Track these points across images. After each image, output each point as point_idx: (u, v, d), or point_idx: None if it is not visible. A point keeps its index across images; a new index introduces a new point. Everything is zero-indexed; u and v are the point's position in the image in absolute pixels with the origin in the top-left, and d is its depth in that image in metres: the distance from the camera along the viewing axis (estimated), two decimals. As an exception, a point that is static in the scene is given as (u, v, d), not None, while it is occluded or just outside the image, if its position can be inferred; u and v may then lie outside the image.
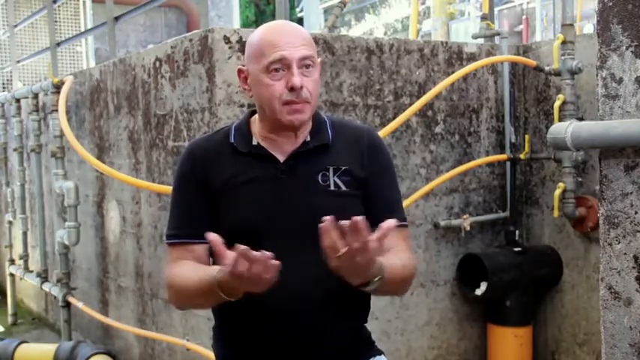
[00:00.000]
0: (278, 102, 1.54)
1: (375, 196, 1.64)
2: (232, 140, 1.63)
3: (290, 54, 1.52)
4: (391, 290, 1.60)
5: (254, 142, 1.62)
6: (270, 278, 1.36)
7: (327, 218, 1.34)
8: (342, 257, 1.34)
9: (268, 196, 1.58)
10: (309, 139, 1.63)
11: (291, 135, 1.61)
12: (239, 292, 1.43)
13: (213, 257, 1.66)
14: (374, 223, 1.60)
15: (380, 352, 1.73)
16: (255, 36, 1.59)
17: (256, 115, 1.66)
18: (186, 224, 1.63)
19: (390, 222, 1.36)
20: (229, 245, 1.57)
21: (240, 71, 1.64)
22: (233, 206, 1.58)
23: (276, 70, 1.53)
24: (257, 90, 1.58)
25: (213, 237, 1.37)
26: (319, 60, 1.63)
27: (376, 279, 1.45)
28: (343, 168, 1.61)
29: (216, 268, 1.45)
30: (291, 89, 1.52)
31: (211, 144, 1.65)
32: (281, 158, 1.61)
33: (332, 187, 1.59)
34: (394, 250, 1.59)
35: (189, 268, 1.58)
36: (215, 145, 1.64)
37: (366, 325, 1.73)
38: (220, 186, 1.60)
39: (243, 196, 1.58)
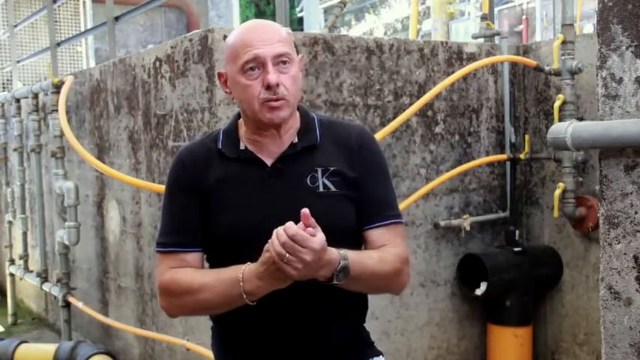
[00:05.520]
0: (257, 101, 1.53)
1: (367, 194, 1.61)
2: (220, 146, 1.62)
3: (263, 52, 1.52)
4: (367, 285, 1.57)
5: (241, 147, 1.62)
6: (307, 256, 1.37)
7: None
8: (290, 262, 1.38)
9: (258, 200, 1.57)
10: (296, 140, 1.61)
11: (275, 135, 1.60)
12: (268, 283, 1.44)
13: (210, 262, 1.66)
14: (366, 222, 1.60)
15: (379, 353, 1.72)
16: (231, 38, 1.59)
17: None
18: (178, 233, 1.60)
19: (304, 210, 1.40)
20: (220, 250, 1.58)
21: (220, 75, 1.63)
22: (223, 212, 1.57)
23: (252, 69, 1.53)
24: (236, 91, 1.58)
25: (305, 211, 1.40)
26: (300, 56, 1.62)
27: (339, 270, 1.45)
28: (332, 169, 1.59)
29: (240, 266, 1.47)
30: (268, 87, 1.52)
31: (201, 150, 1.64)
32: (268, 161, 1.60)
33: (321, 189, 1.58)
34: (386, 246, 1.58)
35: (199, 272, 1.57)
36: (204, 151, 1.63)
37: (364, 325, 1.72)
38: (210, 192, 1.58)
39: (232, 202, 1.57)
